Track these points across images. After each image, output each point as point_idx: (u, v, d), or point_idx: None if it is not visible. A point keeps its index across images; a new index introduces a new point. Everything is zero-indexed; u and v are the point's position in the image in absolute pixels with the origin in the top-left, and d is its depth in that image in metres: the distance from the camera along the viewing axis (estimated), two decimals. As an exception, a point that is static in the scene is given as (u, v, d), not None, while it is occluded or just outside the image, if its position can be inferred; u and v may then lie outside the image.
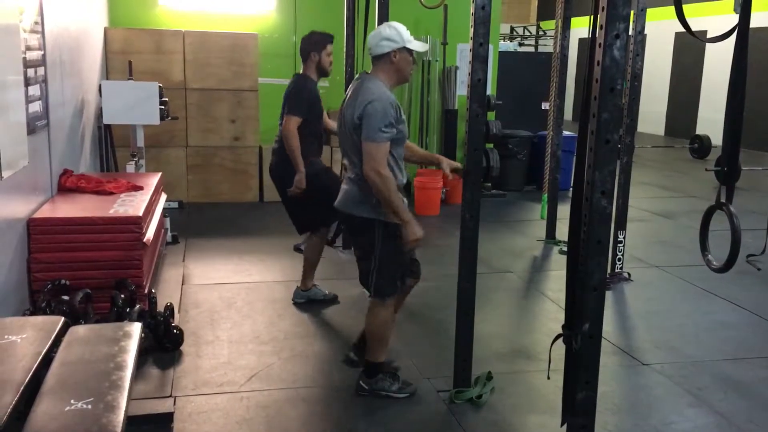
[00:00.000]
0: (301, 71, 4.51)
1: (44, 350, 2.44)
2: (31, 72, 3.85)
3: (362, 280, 3.35)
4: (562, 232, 5.30)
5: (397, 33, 3.20)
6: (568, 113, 8.03)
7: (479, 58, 3.08)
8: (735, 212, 2.80)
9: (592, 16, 2.16)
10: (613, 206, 2.32)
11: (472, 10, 3.05)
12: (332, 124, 4.99)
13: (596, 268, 2.29)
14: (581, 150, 2.28)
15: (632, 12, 4.90)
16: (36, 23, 4.03)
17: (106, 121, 5.86)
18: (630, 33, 4.09)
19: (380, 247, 3.21)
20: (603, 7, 2.12)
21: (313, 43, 4.45)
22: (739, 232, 2.79)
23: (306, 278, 4.60)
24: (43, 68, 4.15)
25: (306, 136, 4.34)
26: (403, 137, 3.22)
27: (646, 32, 5.26)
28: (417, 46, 3.27)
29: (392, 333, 3.45)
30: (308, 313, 4.48)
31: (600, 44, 2.13)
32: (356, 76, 3.38)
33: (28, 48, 3.81)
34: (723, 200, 2.85)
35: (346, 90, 5.45)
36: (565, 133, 6.50)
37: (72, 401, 2.11)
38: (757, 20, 4.36)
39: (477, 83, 3.11)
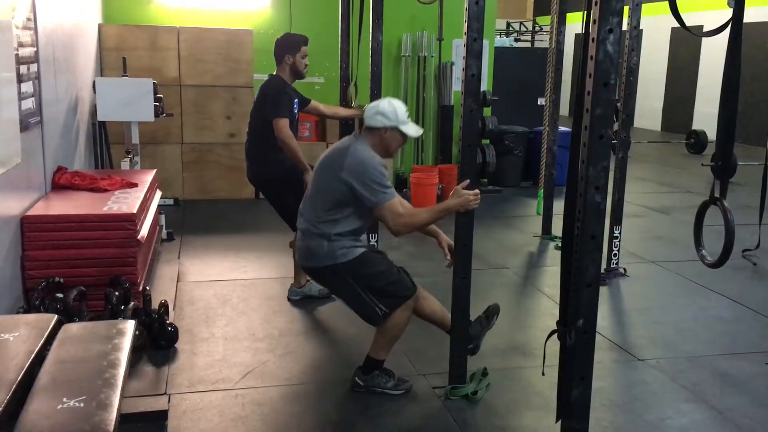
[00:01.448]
0: (274, 73, 4.47)
1: (37, 348, 2.42)
2: (23, 69, 3.83)
3: (367, 320, 3.32)
4: (559, 227, 5.31)
5: (394, 112, 3.25)
6: (564, 109, 8.03)
7: (473, 54, 3.07)
8: (729, 207, 2.80)
9: (585, 11, 2.15)
10: (607, 202, 2.31)
11: (466, 5, 3.04)
12: (340, 111, 5.03)
13: (590, 263, 2.28)
14: (575, 145, 2.28)
15: (627, 7, 4.91)
16: (29, 20, 4.00)
17: (100, 118, 5.84)
18: (625, 28, 4.08)
19: (359, 281, 3.22)
20: (596, 2, 2.11)
21: (288, 46, 4.43)
22: (732, 227, 2.79)
23: (299, 276, 4.60)
24: (36, 65, 4.13)
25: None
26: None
27: (641, 27, 5.25)
28: (411, 131, 3.32)
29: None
30: (303, 310, 4.47)
31: (593, 39, 2.13)
32: (354, 133, 3.42)
33: (21, 45, 3.79)
34: (717, 195, 2.85)
35: (342, 87, 5.46)
36: (562, 128, 6.50)
37: (64, 399, 2.10)
38: (751, 15, 4.35)
39: (471, 78, 3.10)
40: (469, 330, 3.48)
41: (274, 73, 4.48)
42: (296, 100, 4.54)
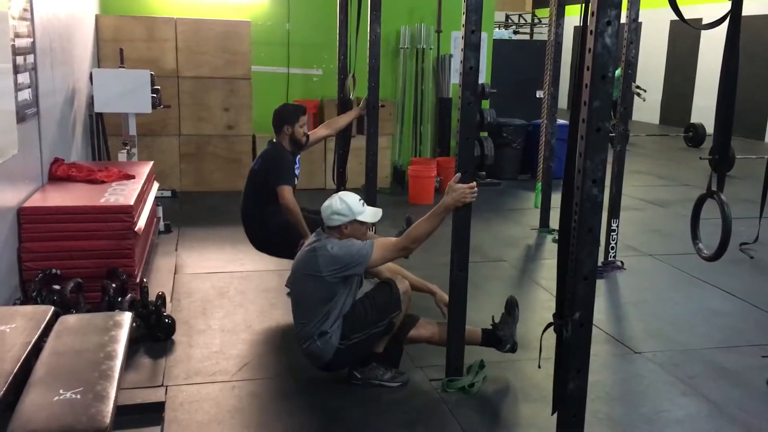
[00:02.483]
0: (275, 140, 4.49)
1: (33, 340, 2.43)
2: (20, 59, 3.82)
3: (390, 333, 3.36)
4: (556, 220, 5.32)
5: (348, 207, 3.29)
6: (562, 102, 8.00)
7: (471, 46, 3.06)
8: (726, 201, 2.80)
9: (583, 4, 2.15)
10: (604, 195, 2.31)
11: (464, -3, 3.03)
12: (340, 121, 5.01)
13: (587, 256, 2.28)
14: (573, 138, 2.27)
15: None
16: (25, 10, 3.99)
17: (97, 109, 5.83)
18: (624, 21, 4.08)
19: (363, 333, 3.26)
20: (595, -6, 2.10)
21: (286, 117, 4.45)
22: (729, 220, 2.79)
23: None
24: (32, 56, 4.11)
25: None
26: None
27: (640, 20, 5.24)
28: (368, 218, 3.36)
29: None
30: (301, 302, 4.46)
31: (591, 31, 2.12)
32: (314, 234, 3.44)
33: (17, 35, 3.77)
34: (714, 188, 2.85)
35: (340, 79, 5.44)
36: (560, 121, 6.49)
37: (61, 391, 2.10)
38: (750, 8, 4.36)
39: (469, 71, 3.09)
40: (499, 333, 3.53)
41: (275, 141, 4.48)
42: (296, 162, 4.57)
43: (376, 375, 3.36)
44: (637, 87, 11.84)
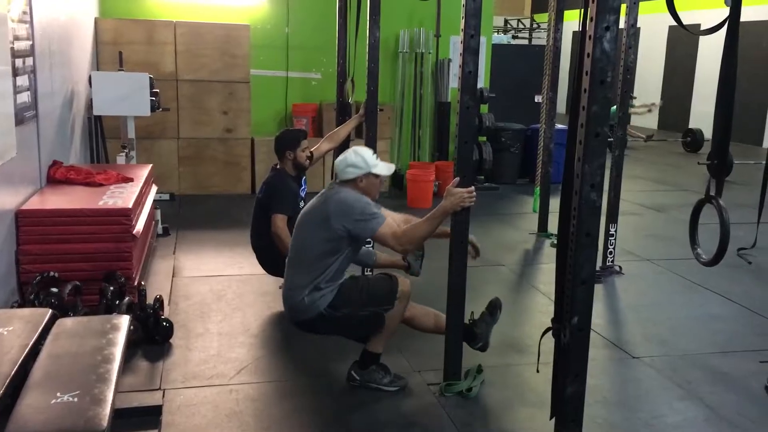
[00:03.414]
0: (278, 165, 4.50)
1: (31, 343, 2.42)
2: (19, 62, 3.82)
3: (373, 330, 3.35)
4: (555, 225, 5.31)
5: (363, 159, 3.31)
6: (561, 106, 8.03)
7: (470, 50, 3.06)
8: (724, 206, 2.80)
9: (582, 9, 2.15)
10: (603, 199, 2.31)
11: (463, 2, 3.03)
12: (341, 132, 5.00)
13: (585, 261, 2.28)
14: (571, 143, 2.28)
15: (625, 5, 4.91)
16: (24, 13, 3.99)
17: (96, 112, 5.82)
18: (622, 26, 4.08)
19: (347, 309, 3.26)
20: (593, 0, 2.11)
21: (288, 142, 4.45)
22: (727, 225, 2.79)
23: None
24: (31, 58, 4.12)
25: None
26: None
27: (639, 25, 5.25)
28: (383, 170, 3.39)
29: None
30: (299, 306, 4.46)
31: (590, 36, 2.13)
32: (328, 185, 3.46)
33: (16, 38, 3.77)
34: (712, 194, 2.85)
35: (339, 83, 5.44)
36: (558, 126, 6.50)
37: (58, 394, 2.09)
38: (748, 14, 4.36)
39: (468, 75, 3.09)
40: (475, 329, 3.51)
41: (278, 167, 4.49)
42: (301, 187, 4.58)
43: (374, 378, 3.36)
44: (648, 106, 12.04)
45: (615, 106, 5.97)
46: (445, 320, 3.39)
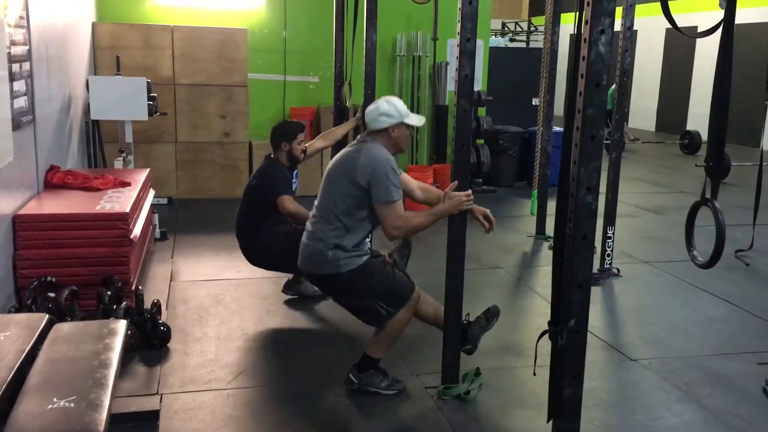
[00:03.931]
0: (272, 155, 4.50)
1: (27, 348, 2.42)
2: (16, 67, 3.81)
3: (371, 323, 3.36)
4: (552, 227, 5.32)
5: (395, 109, 3.30)
6: (558, 109, 8.04)
7: (467, 54, 3.07)
8: (720, 208, 2.81)
9: (577, 12, 2.16)
10: (600, 202, 2.31)
11: (459, 6, 3.04)
12: (337, 132, 4.99)
13: (582, 263, 2.29)
14: (567, 146, 2.28)
15: (621, 8, 4.92)
16: (21, 18, 3.99)
17: (93, 116, 5.82)
18: (619, 29, 4.09)
19: (363, 287, 3.25)
20: (588, 3, 2.11)
21: (285, 134, 4.45)
22: (723, 227, 2.80)
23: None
24: (28, 63, 4.11)
25: (284, 217, 4.33)
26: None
27: (635, 28, 5.25)
28: (414, 121, 3.38)
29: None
30: (296, 310, 4.46)
31: (585, 40, 2.13)
32: (358, 137, 3.45)
33: (13, 43, 3.78)
34: (708, 196, 2.86)
35: (336, 87, 5.45)
36: (556, 128, 6.50)
37: (55, 399, 2.09)
38: (743, 16, 4.38)
39: (464, 79, 3.10)
40: (468, 330, 3.50)
41: (272, 156, 4.49)
42: (294, 177, 4.59)
43: (372, 382, 3.36)
44: (630, 137, 12.18)
45: (613, 86, 5.96)
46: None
